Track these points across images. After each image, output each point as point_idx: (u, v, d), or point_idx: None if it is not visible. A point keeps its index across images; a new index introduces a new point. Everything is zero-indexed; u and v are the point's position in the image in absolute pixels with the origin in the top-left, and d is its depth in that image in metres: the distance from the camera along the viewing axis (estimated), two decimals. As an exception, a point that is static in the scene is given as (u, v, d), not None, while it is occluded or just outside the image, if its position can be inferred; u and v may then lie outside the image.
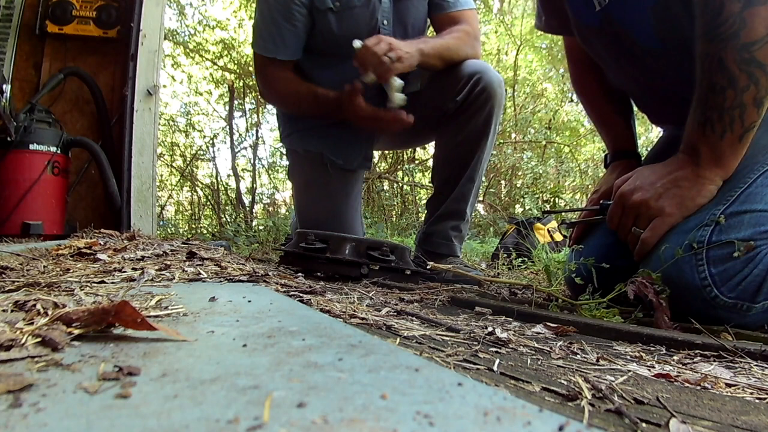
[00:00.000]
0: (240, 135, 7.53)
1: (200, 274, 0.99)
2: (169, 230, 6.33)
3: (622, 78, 1.36)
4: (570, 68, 1.55)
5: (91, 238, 1.56)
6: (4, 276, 0.85)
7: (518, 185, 6.62)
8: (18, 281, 0.76)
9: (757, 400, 0.52)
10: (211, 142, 7.65)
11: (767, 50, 0.92)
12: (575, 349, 0.71)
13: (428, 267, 1.31)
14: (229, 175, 7.54)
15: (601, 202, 1.24)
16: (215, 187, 7.44)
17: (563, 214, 3.41)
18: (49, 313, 0.49)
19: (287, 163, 2.16)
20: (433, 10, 1.88)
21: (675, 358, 0.71)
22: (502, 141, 6.52)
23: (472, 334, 0.73)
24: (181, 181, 7.75)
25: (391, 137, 2.05)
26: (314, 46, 1.82)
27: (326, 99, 1.73)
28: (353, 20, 1.75)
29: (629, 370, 0.60)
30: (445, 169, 1.86)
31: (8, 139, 2.39)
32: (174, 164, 7.77)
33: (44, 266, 1.00)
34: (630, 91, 1.40)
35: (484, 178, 2.54)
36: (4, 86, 2.14)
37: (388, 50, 1.56)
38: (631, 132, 1.41)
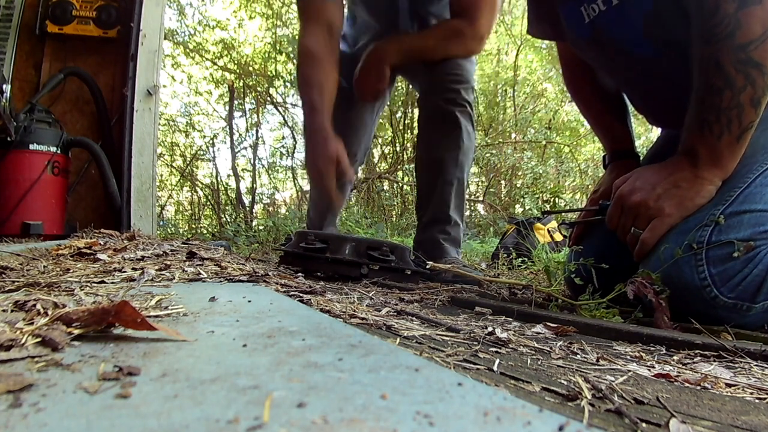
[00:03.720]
0: (240, 135, 7.53)
1: (200, 274, 0.99)
2: (169, 230, 6.32)
3: (618, 83, 1.36)
4: (563, 72, 1.55)
5: (91, 238, 1.56)
6: (4, 276, 0.85)
7: (518, 185, 6.62)
8: (18, 281, 0.76)
9: (757, 400, 0.52)
10: (211, 142, 7.65)
11: (763, 50, 0.92)
12: (575, 349, 0.71)
13: (428, 267, 1.31)
14: (229, 175, 7.54)
15: (600, 202, 1.24)
16: (215, 187, 7.43)
17: (563, 214, 3.41)
18: (49, 313, 0.49)
19: (287, 162, 2.14)
20: None
21: (675, 358, 0.71)
22: (501, 141, 6.52)
23: (472, 334, 0.73)
24: (181, 181, 7.74)
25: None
26: None
27: (320, 123, 1.49)
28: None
29: (629, 370, 0.60)
30: (423, 172, 1.86)
31: (8, 139, 2.39)
32: (174, 164, 7.77)
33: (44, 266, 1.00)
34: (627, 94, 1.40)
35: (484, 178, 2.51)
36: (4, 86, 2.13)
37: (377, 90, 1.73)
38: (628, 132, 1.41)
